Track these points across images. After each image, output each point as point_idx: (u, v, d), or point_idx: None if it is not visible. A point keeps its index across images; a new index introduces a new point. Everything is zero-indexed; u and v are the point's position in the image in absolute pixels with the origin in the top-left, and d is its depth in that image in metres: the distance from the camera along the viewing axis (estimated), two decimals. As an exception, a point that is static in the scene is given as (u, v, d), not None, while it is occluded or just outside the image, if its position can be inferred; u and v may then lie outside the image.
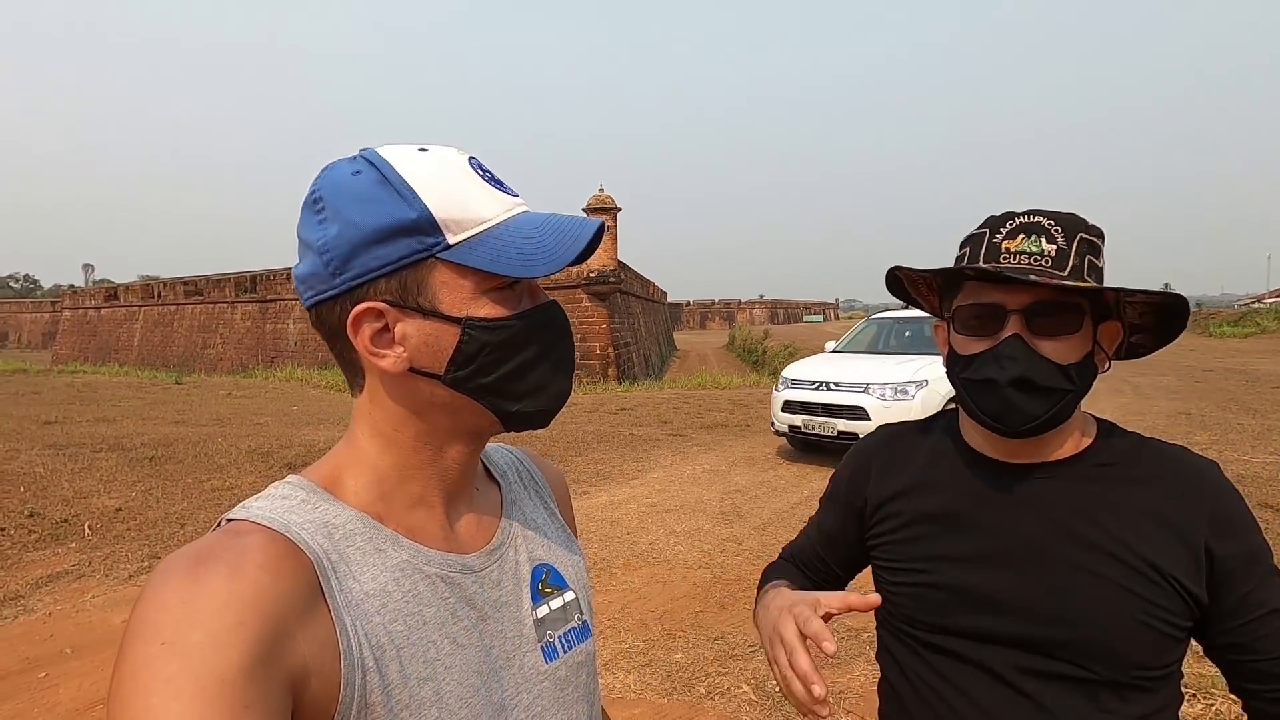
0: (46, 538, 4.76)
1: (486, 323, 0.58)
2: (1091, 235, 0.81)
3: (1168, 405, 10.10)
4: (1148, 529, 0.80)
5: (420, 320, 0.57)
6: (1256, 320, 28.08)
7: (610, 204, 18.12)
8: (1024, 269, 0.78)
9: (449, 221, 0.57)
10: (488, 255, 0.57)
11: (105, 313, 33.42)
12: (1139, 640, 0.78)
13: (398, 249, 0.56)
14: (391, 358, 0.58)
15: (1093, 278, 0.80)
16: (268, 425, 9.42)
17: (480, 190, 0.59)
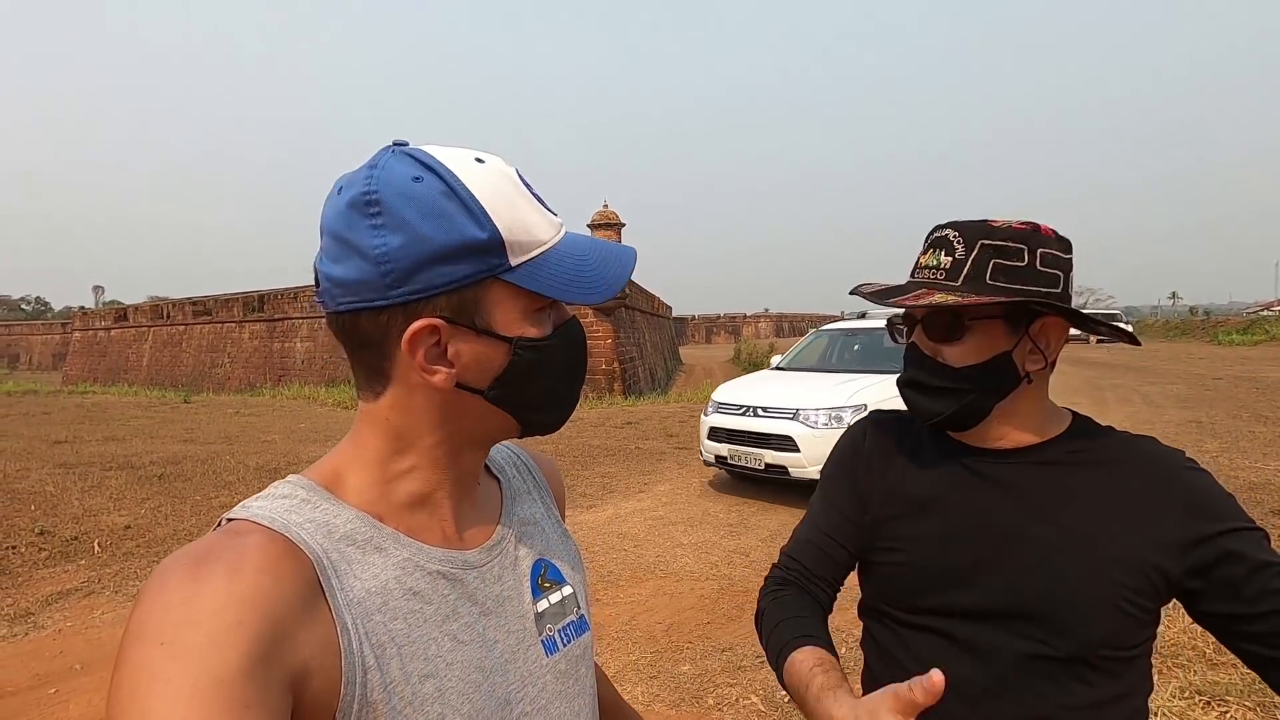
0: (57, 555, 4.78)
1: (533, 342, 0.60)
2: (997, 240, 0.84)
3: (1178, 414, 10.02)
4: (1118, 512, 0.82)
5: (474, 338, 0.58)
6: (1265, 328, 27.90)
7: (615, 219, 18.22)
8: (920, 283, 0.88)
9: (514, 244, 0.57)
10: (546, 279, 0.58)
11: (115, 333, 33.70)
12: (1103, 620, 0.80)
13: (464, 268, 0.55)
14: (443, 374, 0.58)
15: (1001, 280, 0.83)
16: (275, 443, 9.46)
17: (535, 211, 0.59)
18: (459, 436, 0.62)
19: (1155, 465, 0.85)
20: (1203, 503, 0.81)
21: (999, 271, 0.84)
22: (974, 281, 0.84)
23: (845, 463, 1.05)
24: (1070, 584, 0.81)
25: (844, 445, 1.06)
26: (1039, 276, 0.84)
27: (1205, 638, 3.13)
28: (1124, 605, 0.80)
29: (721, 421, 6.47)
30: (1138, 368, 17.06)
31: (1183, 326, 35.50)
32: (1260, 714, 2.56)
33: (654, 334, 27.65)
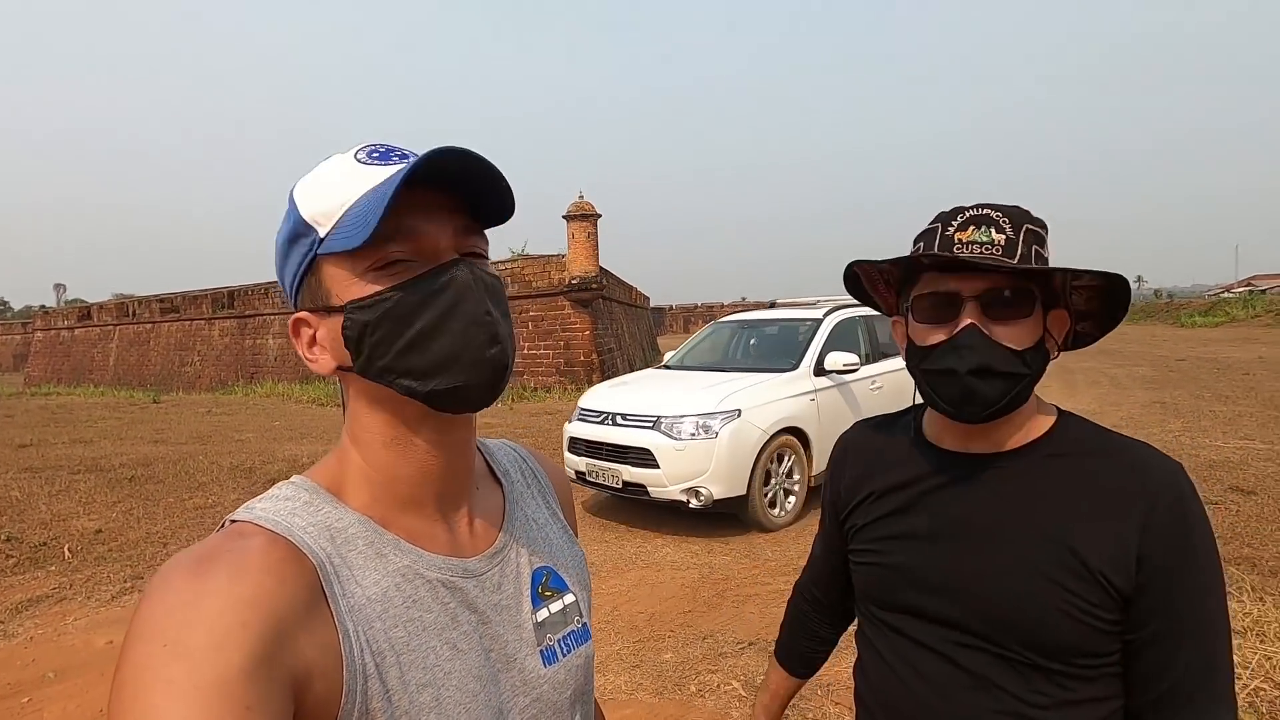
0: (25, 562, 4.67)
1: (362, 301, 0.56)
2: (1036, 226, 0.83)
3: (1144, 395, 10.30)
4: (1083, 521, 0.80)
5: (327, 319, 0.58)
6: (1226, 310, 28.73)
7: (590, 210, 18.14)
8: (978, 258, 0.81)
9: (316, 216, 0.57)
10: (339, 236, 0.56)
11: (79, 333, 32.80)
12: (1061, 628, 0.78)
13: (294, 257, 0.59)
14: (320, 361, 0.60)
15: (1039, 263, 0.82)
16: (249, 441, 9.32)
17: (350, 174, 0.57)
18: (392, 422, 0.60)
19: (1136, 478, 0.81)
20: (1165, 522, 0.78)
21: (1038, 258, 0.82)
22: (1025, 262, 0.81)
23: (830, 471, 1.08)
24: (1031, 596, 0.80)
25: (832, 454, 1.10)
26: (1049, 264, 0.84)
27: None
28: (1080, 615, 0.78)
29: (581, 431, 5.47)
30: (1105, 350, 17.48)
31: (1147, 309, 36.40)
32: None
33: (632, 324, 27.64)
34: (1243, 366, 12.99)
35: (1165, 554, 0.77)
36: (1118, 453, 0.83)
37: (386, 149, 0.60)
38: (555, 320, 18.61)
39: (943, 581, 0.86)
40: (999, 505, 0.85)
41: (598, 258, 18.62)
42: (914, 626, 0.89)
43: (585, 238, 18.28)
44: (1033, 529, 0.82)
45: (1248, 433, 7.30)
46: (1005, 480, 0.86)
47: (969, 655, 0.84)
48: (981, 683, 0.83)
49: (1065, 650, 0.79)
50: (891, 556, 0.92)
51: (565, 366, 18.21)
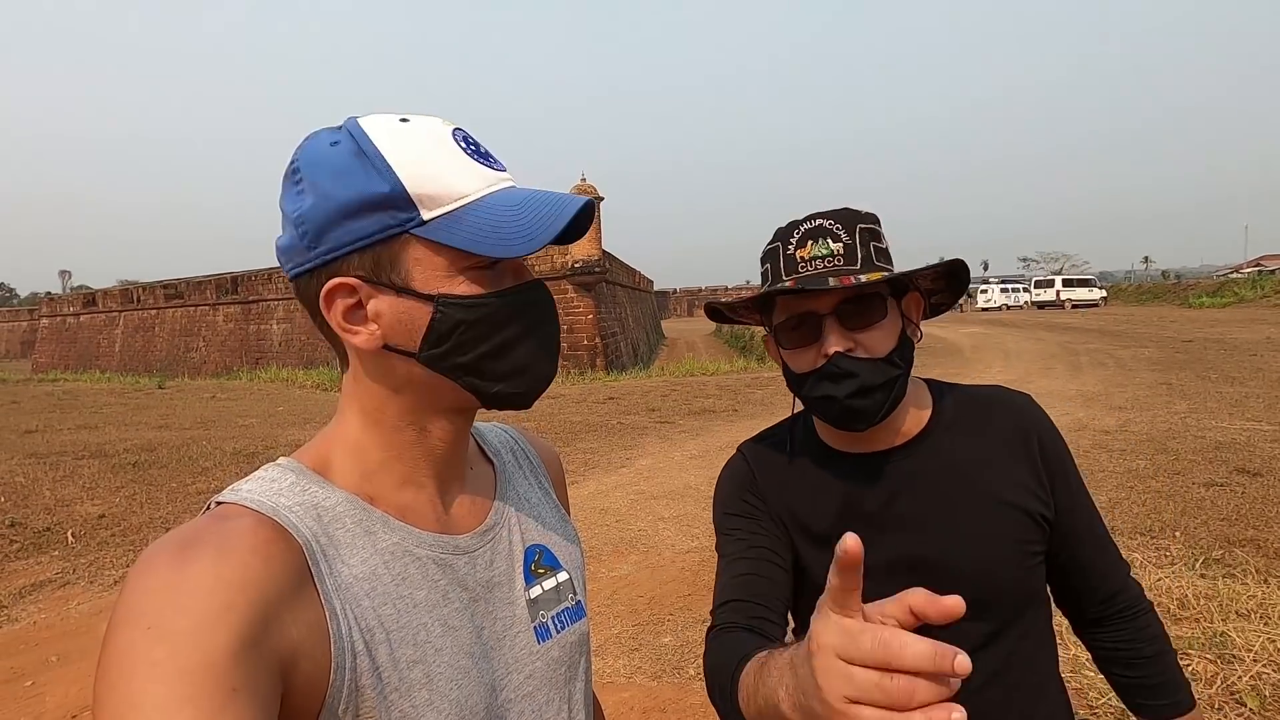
0: (29, 547, 4.71)
1: (461, 300, 0.56)
2: (868, 223, 0.86)
3: (1150, 377, 10.23)
4: (1008, 473, 0.88)
5: (394, 297, 0.56)
6: (1234, 290, 28.48)
7: (593, 192, 18.04)
8: (821, 273, 0.83)
9: (423, 196, 0.55)
10: (464, 233, 0.55)
11: (84, 319, 32.95)
12: (1030, 579, 0.87)
13: (370, 224, 0.55)
14: (364, 334, 0.57)
15: (881, 261, 0.85)
16: (253, 426, 9.36)
17: (460, 164, 0.57)
18: (418, 408, 0.60)
19: (1013, 414, 0.92)
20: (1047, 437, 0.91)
21: (877, 253, 0.85)
22: (866, 263, 0.84)
23: (740, 489, 0.97)
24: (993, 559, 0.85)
25: (728, 481, 0.99)
26: (889, 254, 0.88)
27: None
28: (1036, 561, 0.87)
29: None
30: (1111, 332, 17.37)
31: (1155, 290, 36.17)
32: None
33: (635, 308, 27.59)
34: (1250, 347, 12.88)
35: (1057, 469, 0.90)
36: (990, 401, 0.94)
37: (475, 141, 0.60)
38: (558, 304, 18.53)
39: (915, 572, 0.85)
40: (937, 487, 0.88)
41: (601, 241, 18.54)
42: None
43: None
44: (974, 498, 0.87)
45: (1254, 414, 7.25)
46: (926, 463, 0.89)
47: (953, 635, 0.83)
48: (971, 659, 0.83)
49: (1032, 597, 0.88)
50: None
51: (568, 351, 18.21)
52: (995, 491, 0.87)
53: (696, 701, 2.79)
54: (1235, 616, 2.98)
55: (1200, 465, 5.45)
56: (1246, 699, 2.46)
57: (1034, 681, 0.88)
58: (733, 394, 11.33)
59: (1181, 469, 5.38)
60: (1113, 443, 6.22)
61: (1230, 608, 3.05)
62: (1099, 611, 0.94)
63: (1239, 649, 2.72)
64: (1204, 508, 4.51)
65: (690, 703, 2.78)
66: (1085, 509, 0.92)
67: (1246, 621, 2.93)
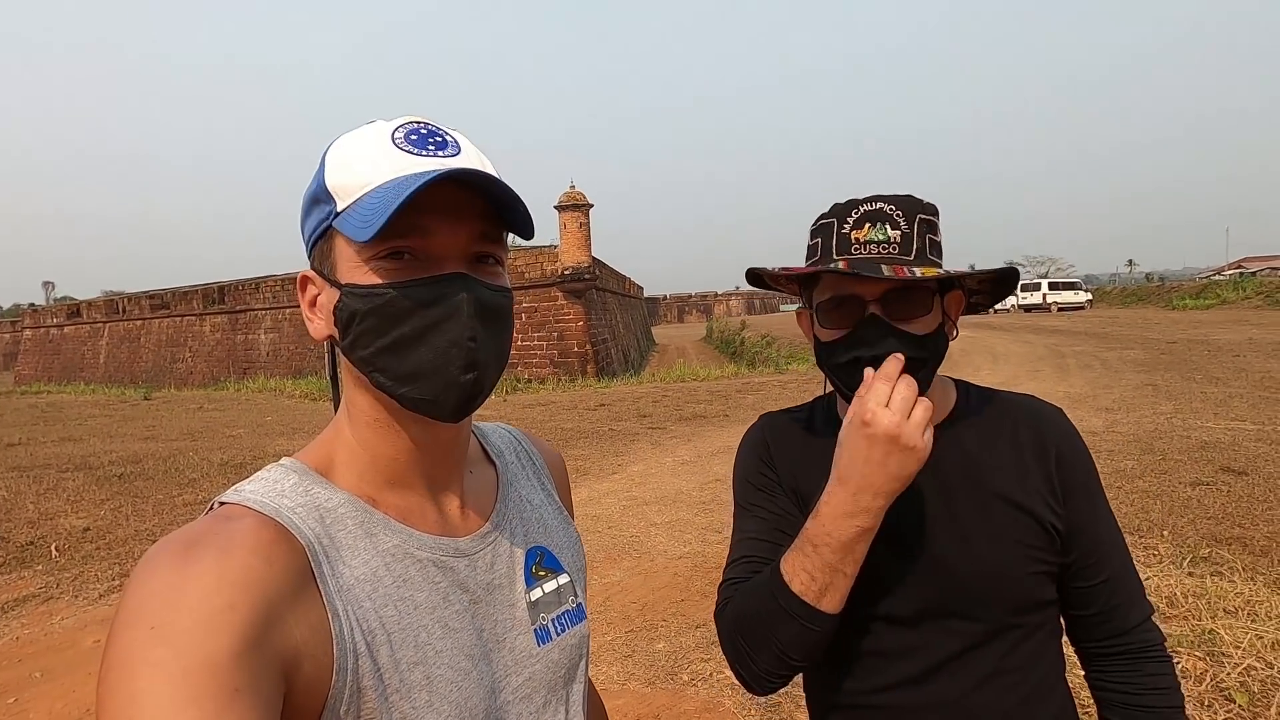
0: (12, 561, 4.63)
1: (357, 290, 0.56)
2: (928, 214, 0.84)
3: (1135, 378, 10.34)
4: (1017, 476, 0.86)
5: (328, 287, 0.59)
6: (1217, 292, 28.84)
7: (582, 200, 18.05)
8: (874, 258, 0.82)
9: (337, 189, 0.57)
10: (352, 220, 0.55)
11: (68, 330, 32.58)
12: (1030, 583, 0.84)
13: (314, 219, 0.59)
14: (316, 323, 0.60)
15: (934, 255, 0.84)
16: (241, 437, 9.27)
17: (379, 155, 0.56)
18: (378, 407, 0.60)
19: (1038, 423, 0.89)
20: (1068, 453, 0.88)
21: (931, 246, 0.84)
22: (920, 256, 0.82)
23: (756, 460, 0.99)
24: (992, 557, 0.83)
25: (748, 451, 1.01)
26: (942, 250, 0.87)
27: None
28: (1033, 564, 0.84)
29: None
30: (1097, 334, 17.55)
31: (1139, 293, 36.55)
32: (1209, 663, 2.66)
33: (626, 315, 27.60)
34: (1234, 348, 13.04)
35: (1076, 484, 0.87)
36: (1016, 408, 0.92)
37: (427, 132, 0.59)
38: (548, 311, 18.55)
39: (911, 565, 0.86)
40: (942, 481, 0.87)
41: (590, 248, 18.55)
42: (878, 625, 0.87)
43: (577, 228, 18.21)
44: (981, 496, 0.86)
45: (1239, 414, 7.33)
46: (939, 455, 0.85)
47: (944, 633, 0.85)
48: (961, 658, 0.84)
49: (1035, 604, 0.85)
50: None
51: (559, 358, 18.18)
52: (1003, 491, 0.85)
53: (690, 708, 2.77)
54: (1223, 614, 3.00)
55: (1186, 465, 5.51)
56: (1235, 695, 2.48)
57: (1031, 687, 0.86)
58: (724, 399, 11.34)
59: (1168, 469, 5.43)
60: (1100, 444, 6.27)
61: (1218, 605, 3.07)
62: (1104, 646, 0.88)
63: (1227, 646, 2.74)
64: (1191, 507, 4.55)
65: (683, 709, 2.77)
66: (1104, 534, 0.88)
67: (1234, 619, 2.95)
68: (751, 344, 28.34)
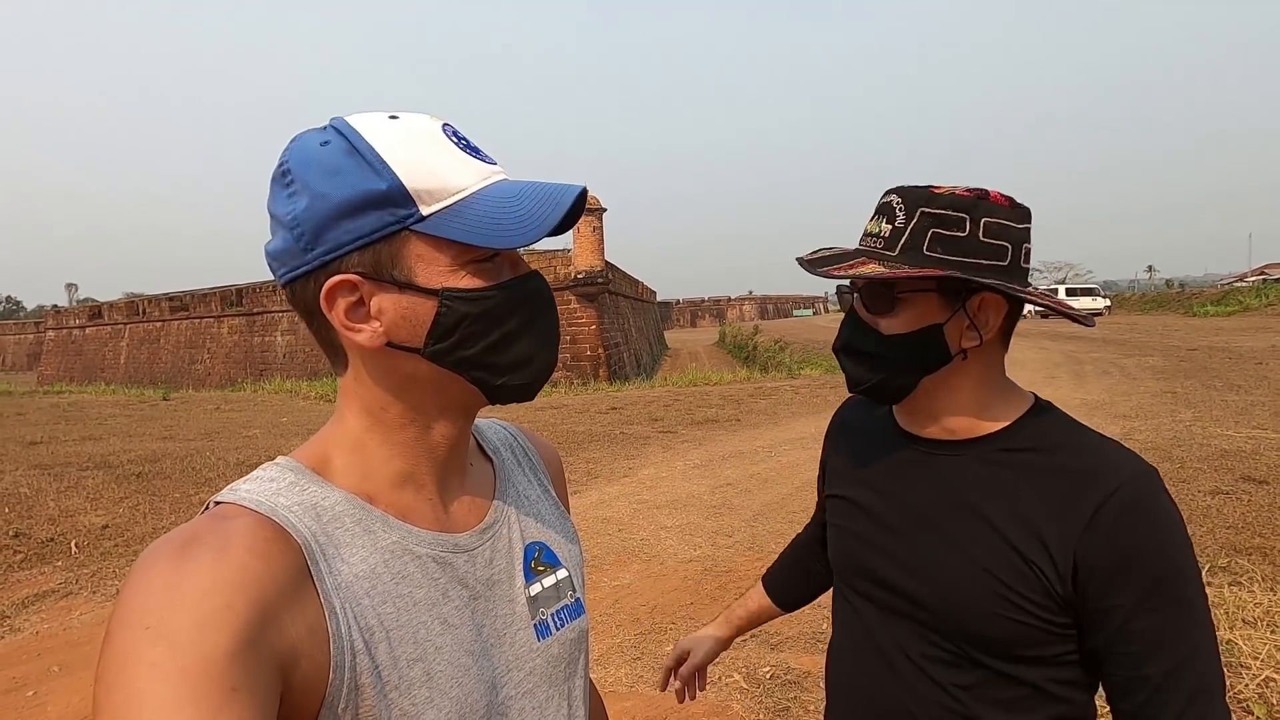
0: (32, 557, 4.71)
1: (465, 294, 0.56)
2: (937, 208, 0.79)
3: (1155, 385, 10.19)
4: (1030, 519, 0.77)
5: (396, 293, 0.56)
6: (1239, 299, 28.36)
7: (595, 204, 18.11)
8: (862, 251, 0.84)
9: (421, 191, 0.55)
10: (462, 226, 0.55)
11: (90, 332, 33.12)
12: (996, 623, 0.77)
13: (369, 221, 0.55)
14: (368, 332, 0.57)
15: (941, 251, 0.78)
16: (257, 438, 9.37)
17: (454, 158, 0.57)
18: (423, 405, 0.60)
19: (1089, 481, 0.76)
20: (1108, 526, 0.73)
21: (937, 242, 0.79)
22: (910, 252, 0.80)
23: (826, 444, 1.09)
24: (966, 588, 0.79)
25: (829, 430, 1.10)
26: (981, 248, 0.79)
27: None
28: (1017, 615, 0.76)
29: None
30: (1116, 340, 17.32)
31: (1159, 299, 36.05)
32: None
33: (638, 319, 27.62)
34: (1256, 356, 12.81)
35: (1109, 562, 0.73)
36: (1078, 450, 0.79)
37: (464, 136, 0.60)
38: (561, 315, 18.54)
39: (891, 564, 0.87)
40: (945, 494, 0.84)
41: (603, 252, 18.60)
42: (867, 605, 0.91)
43: (590, 232, 18.26)
44: (975, 521, 0.81)
45: (1260, 422, 7.20)
46: (954, 469, 0.85)
47: (913, 640, 0.85)
48: (923, 671, 0.84)
49: (1002, 646, 0.78)
50: (849, 538, 0.94)
51: (571, 361, 18.23)
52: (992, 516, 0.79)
53: (698, 711, 2.77)
54: (1242, 624, 2.96)
55: (1206, 473, 5.42)
56: (1254, 707, 2.44)
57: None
58: (736, 404, 11.31)
59: (1187, 477, 5.35)
60: (1117, 451, 6.19)
61: (1237, 615, 3.03)
62: None
63: (1246, 657, 2.70)
64: (1210, 516, 4.48)
65: (691, 712, 2.77)
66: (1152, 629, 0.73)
67: (1253, 629, 2.91)
68: (764, 349, 28.25)
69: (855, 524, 0.93)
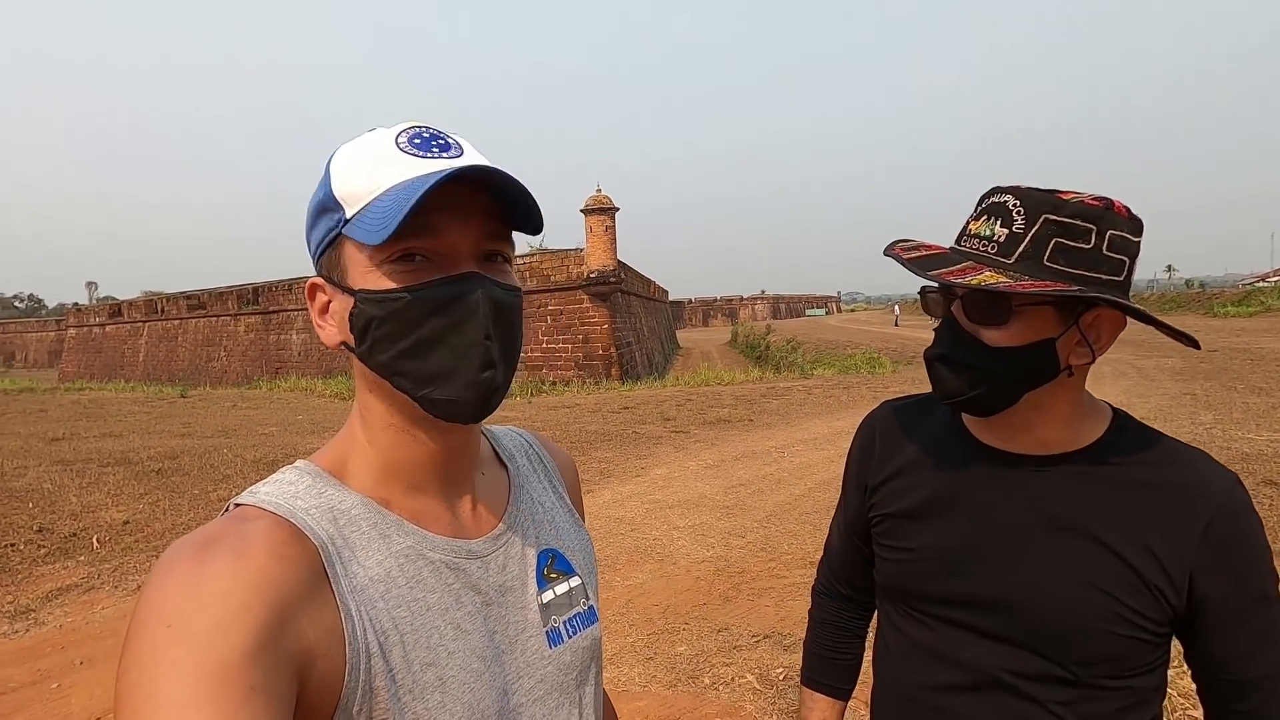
0: (55, 552, 4.79)
1: (372, 295, 0.56)
2: (1064, 216, 0.74)
3: (1173, 386, 10.06)
4: (1139, 533, 0.77)
5: (340, 294, 0.59)
6: (1261, 299, 27.86)
7: (608, 204, 18.13)
8: (968, 254, 0.78)
9: (346, 195, 0.57)
10: (363, 225, 0.55)
11: (110, 329, 33.58)
12: (1109, 640, 0.76)
13: (321, 228, 0.60)
14: (327, 329, 0.61)
15: (1061, 263, 0.74)
16: (273, 435, 9.47)
17: (387, 159, 0.57)
18: (394, 411, 0.60)
19: (1192, 492, 0.77)
20: (1221, 540, 0.75)
21: (1060, 252, 0.74)
22: (1029, 261, 0.74)
23: (857, 453, 1.00)
24: (1076, 608, 0.77)
25: (859, 434, 1.02)
26: (1103, 262, 0.74)
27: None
28: (1130, 630, 0.76)
29: None
30: (1133, 341, 17.09)
31: (1178, 300, 35.51)
32: None
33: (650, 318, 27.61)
34: (1277, 357, 12.61)
35: (1221, 567, 0.75)
36: (1174, 463, 0.80)
37: (429, 135, 0.59)
38: (574, 314, 18.64)
39: (979, 586, 0.82)
40: (1041, 511, 0.80)
41: (616, 251, 18.61)
42: (946, 627, 0.85)
43: (603, 231, 18.28)
44: (1079, 537, 0.78)
45: (1282, 425, 7.10)
46: (1051, 484, 0.81)
47: (1007, 659, 0.81)
48: (1019, 690, 0.80)
49: (1108, 662, 0.77)
50: (922, 550, 0.87)
51: (584, 360, 18.25)
52: (1111, 541, 0.77)
53: (711, 711, 2.78)
54: None
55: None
56: None
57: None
58: (748, 404, 11.28)
59: (1206, 480, 5.28)
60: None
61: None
62: None
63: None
64: (1230, 520, 4.43)
65: (705, 712, 2.77)
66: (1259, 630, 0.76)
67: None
68: (777, 348, 28.14)
69: (928, 545, 0.87)
